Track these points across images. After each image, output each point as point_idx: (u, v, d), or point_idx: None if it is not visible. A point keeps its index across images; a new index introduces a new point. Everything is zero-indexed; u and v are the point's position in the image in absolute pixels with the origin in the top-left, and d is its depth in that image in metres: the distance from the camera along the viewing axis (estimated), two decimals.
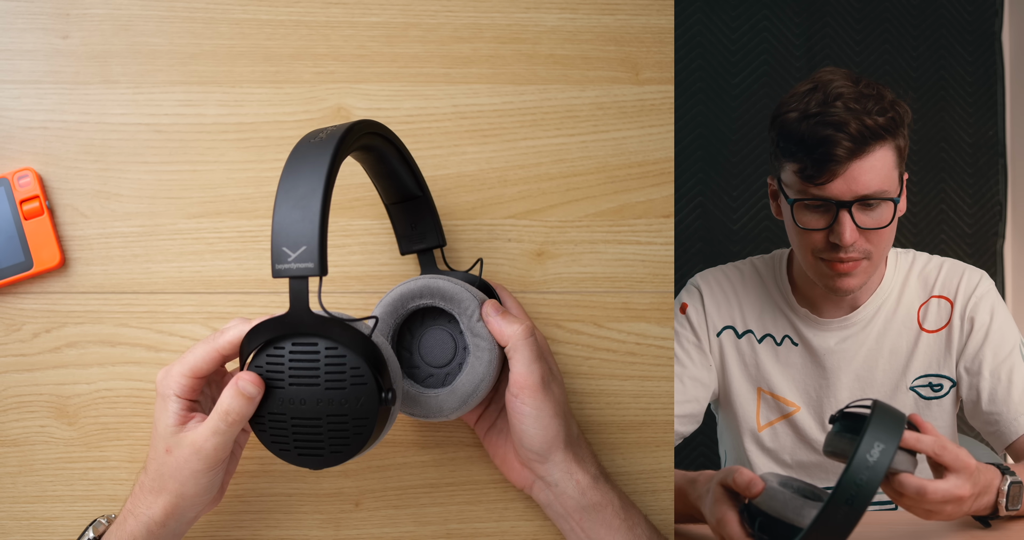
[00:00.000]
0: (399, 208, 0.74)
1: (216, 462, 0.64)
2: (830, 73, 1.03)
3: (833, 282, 1.05)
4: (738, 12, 1.87)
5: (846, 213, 1.00)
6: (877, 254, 1.04)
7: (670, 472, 0.79)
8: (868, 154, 0.99)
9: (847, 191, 1.00)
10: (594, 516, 0.71)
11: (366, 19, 0.79)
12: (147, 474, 0.66)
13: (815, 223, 1.03)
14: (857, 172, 0.99)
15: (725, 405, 1.18)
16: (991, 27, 1.88)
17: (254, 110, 0.78)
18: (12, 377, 0.76)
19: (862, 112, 0.98)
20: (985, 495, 0.86)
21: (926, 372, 1.11)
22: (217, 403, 0.62)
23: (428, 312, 0.71)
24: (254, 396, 0.60)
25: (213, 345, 0.65)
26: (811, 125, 1.00)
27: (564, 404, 0.72)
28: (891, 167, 1.01)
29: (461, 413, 0.69)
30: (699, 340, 1.15)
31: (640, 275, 0.80)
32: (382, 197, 0.73)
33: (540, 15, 0.80)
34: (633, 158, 0.80)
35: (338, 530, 0.76)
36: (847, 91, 1.00)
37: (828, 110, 0.99)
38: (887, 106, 1.00)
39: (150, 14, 0.78)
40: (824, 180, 1.00)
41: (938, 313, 1.11)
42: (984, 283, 1.11)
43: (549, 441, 0.70)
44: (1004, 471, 0.88)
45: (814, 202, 1.02)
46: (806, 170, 1.01)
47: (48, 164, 0.77)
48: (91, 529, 0.71)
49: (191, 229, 0.77)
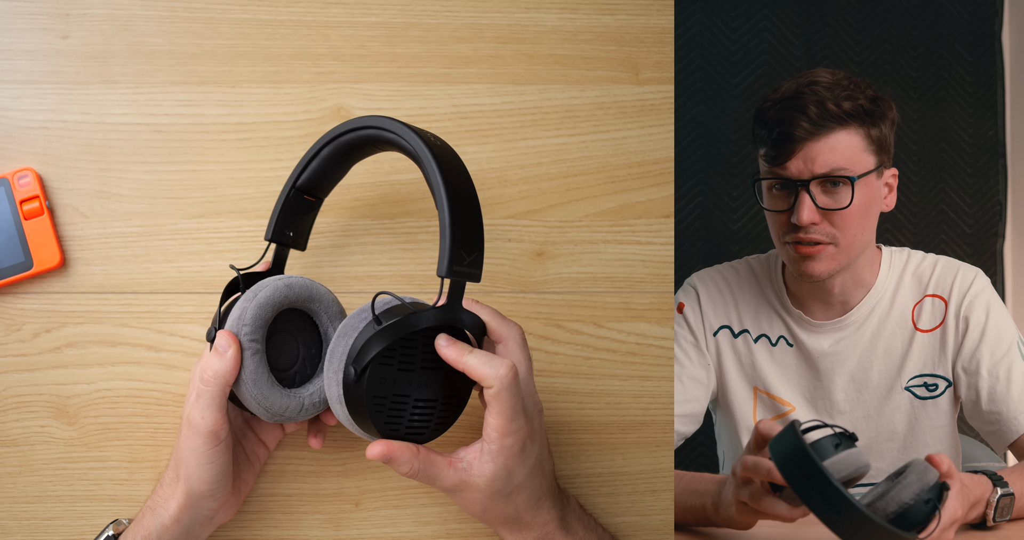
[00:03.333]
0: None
1: (209, 435, 0.65)
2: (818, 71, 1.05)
3: (799, 266, 1.06)
4: (738, 12, 1.87)
5: (804, 192, 1.02)
6: (845, 240, 1.04)
7: (670, 472, 0.79)
8: (827, 135, 1.01)
9: (804, 170, 1.02)
10: None
11: (366, 19, 0.79)
12: (169, 468, 0.69)
13: (778, 204, 1.05)
14: (814, 152, 1.01)
15: (723, 405, 1.18)
16: (991, 27, 1.88)
17: (254, 110, 0.78)
18: (12, 377, 0.76)
19: (828, 98, 1.01)
20: (975, 507, 0.86)
21: (921, 372, 1.11)
22: (194, 366, 0.65)
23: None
24: (224, 351, 0.64)
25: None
26: (777, 110, 1.03)
27: (536, 462, 0.66)
28: (854, 149, 1.02)
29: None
30: (696, 339, 1.15)
31: (640, 275, 0.80)
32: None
33: (540, 15, 0.80)
34: (633, 158, 0.80)
35: (338, 530, 0.76)
36: (822, 80, 1.03)
37: (796, 95, 1.02)
38: (858, 95, 1.02)
39: (150, 14, 0.78)
40: (783, 159, 1.02)
41: (932, 312, 1.11)
42: (979, 281, 1.11)
43: (497, 521, 0.68)
44: (996, 482, 0.88)
45: (777, 182, 1.04)
46: (769, 151, 1.04)
47: (48, 164, 0.77)
48: (111, 527, 0.71)
49: (191, 229, 0.77)
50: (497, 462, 0.64)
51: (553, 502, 0.69)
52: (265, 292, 0.66)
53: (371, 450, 0.62)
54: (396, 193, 0.78)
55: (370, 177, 0.78)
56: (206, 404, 0.64)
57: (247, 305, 0.66)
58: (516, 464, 0.64)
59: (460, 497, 0.66)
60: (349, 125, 0.67)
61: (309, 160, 0.69)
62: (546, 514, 0.69)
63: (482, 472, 0.64)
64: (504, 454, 0.63)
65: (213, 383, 0.64)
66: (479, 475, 0.64)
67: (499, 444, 0.63)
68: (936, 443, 1.12)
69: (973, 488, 0.86)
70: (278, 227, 0.71)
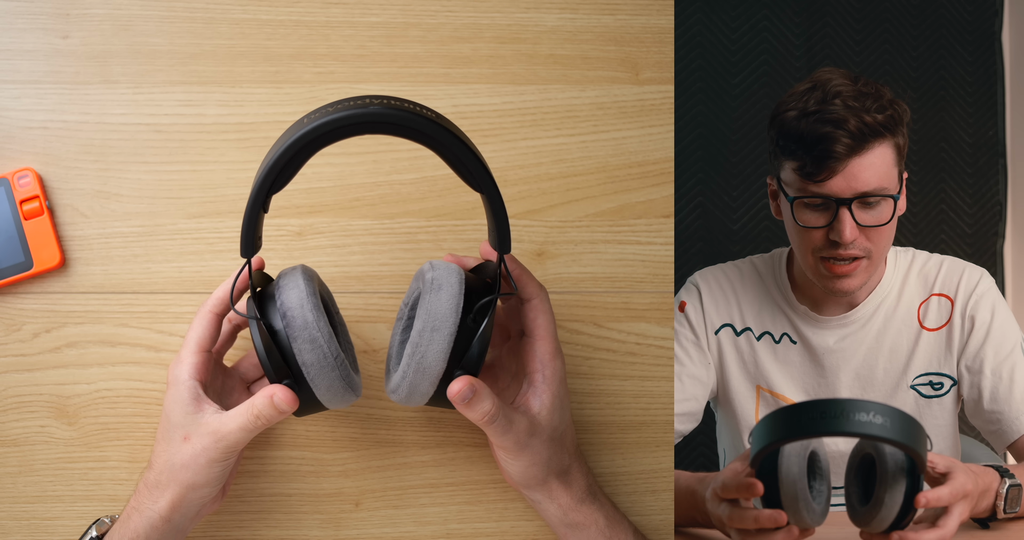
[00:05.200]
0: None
1: (234, 453, 0.66)
2: (828, 73, 1.04)
3: (832, 284, 1.05)
4: (738, 12, 1.86)
5: (846, 210, 1.00)
6: (877, 253, 1.04)
7: (670, 472, 0.79)
8: (867, 151, 0.99)
9: (847, 188, 1.00)
10: (577, 533, 0.71)
11: (366, 19, 0.79)
12: (152, 470, 0.67)
13: (815, 221, 1.03)
14: (856, 169, 0.99)
15: (724, 403, 1.18)
16: (991, 27, 1.88)
17: (254, 110, 0.78)
18: (12, 377, 0.76)
19: (861, 109, 0.99)
20: (984, 498, 0.86)
21: (927, 371, 1.11)
22: (251, 401, 0.65)
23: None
24: (284, 412, 0.64)
25: (204, 311, 0.69)
26: (810, 123, 1.00)
27: (559, 434, 0.70)
28: (890, 164, 1.01)
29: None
30: (698, 338, 1.15)
31: (640, 275, 0.80)
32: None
33: (540, 15, 0.80)
34: (633, 158, 0.80)
35: (338, 530, 0.76)
36: (846, 89, 1.01)
37: (827, 108, 0.99)
38: (885, 104, 1.00)
39: (150, 14, 0.78)
40: (823, 177, 1.00)
41: (938, 311, 1.11)
42: (984, 281, 1.11)
43: (527, 481, 0.70)
44: (1003, 474, 0.88)
45: (814, 200, 1.02)
46: (805, 167, 1.01)
47: (48, 164, 0.77)
48: (94, 528, 0.71)
49: (191, 229, 0.77)
50: (552, 388, 0.68)
51: (583, 459, 0.74)
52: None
53: (454, 386, 0.64)
54: (396, 193, 0.78)
55: (370, 177, 0.78)
56: (250, 436, 0.66)
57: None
58: (564, 392, 0.70)
59: (529, 447, 0.67)
60: (335, 123, 0.59)
61: (283, 165, 0.61)
62: (584, 466, 0.73)
63: (543, 404, 0.68)
64: (556, 379, 0.68)
65: (264, 427, 0.65)
66: (540, 408, 0.68)
67: (552, 367, 0.68)
68: (938, 442, 1.13)
69: (982, 476, 0.86)
70: (252, 238, 0.64)
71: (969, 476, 0.81)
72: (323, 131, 0.59)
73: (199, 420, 0.65)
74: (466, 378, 0.64)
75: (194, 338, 0.68)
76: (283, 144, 0.60)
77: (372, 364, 0.77)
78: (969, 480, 0.81)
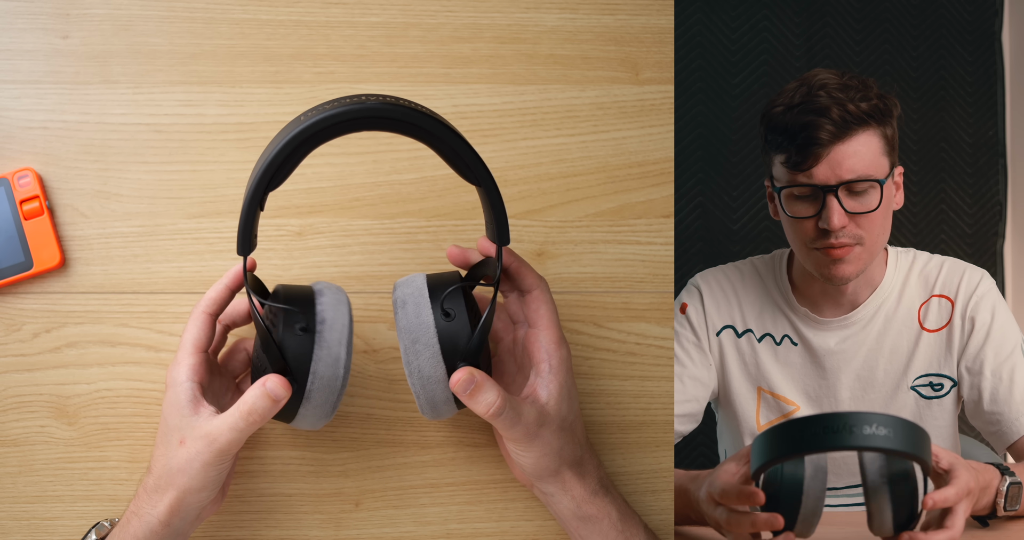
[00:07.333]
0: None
1: (228, 456, 0.65)
2: (817, 71, 1.05)
3: (828, 270, 1.05)
4: (738, 12, 1.87)
5: (832, 197, 1.01)
6: (870, 240, 1.04)
7: (670, 472, 0.79)
8: (851, 138, 1.01)
9: (832, 175, 1.01)
10: (590, 526, 0.71)
11: (366, 19, 0.79)
12: (151, 474, 0.67)
13: (804, 211, 1.04)
14: (840, 156, 1.01)
15: (725, 404, 1.18)
16: (991, 27, 1.88)
17: (254, 110, 0.78)
18: (12, 377, 0.76)
19: (845, 99, 1.01)
20: (984, 495, 0.87)
21: (927, 372, 1.11)
22: (241, 400, 0.64)
23: None
24: (280, 399, 0.63)
25: (198, 311, 0.69)
26: (795, 114, 1.02)
27: (569, 423, 0.70)
28: (876, 153, 1.02)
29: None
30: (699, 339, 1.15)
31: (640, 275, 0.80)
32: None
33: (540, 15, 0.80)
34: (633, 158, 0.80)
35: (338, 530, 0.76)
36: (831, 82, 1.03)
37: (811, 99, 1.02)
38: (871, 95, 1.02)
39: (150, 14, 0.78)
40: (808, 165, 1.01)
41: (939, 312, 1.11)
42: (985, 282, 1.11)
43: (540, 472, 0.70)
44: (1003, 471, 0.89)
45: (802, 190, 1.03)
46: (791, 158, 1.03)
47: (48, 164, 0.77)
48: (94, 532, 0.71)
49: (191, 229, 0.77)
50: (559, 376, 0.68)
51: (594, 451, 0.73)
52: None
53: (454, 377, 0.64)
54: (396, 193, 0.78)
55: (370, 177, 0.78)
56: (242, 437, 0.65)
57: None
58: (572, 381, 0.69)
59: (539, 437, 0.67)
60: (332, 119, 0.59)
61: (280, 163, 0.60)
62: (596, 458, 0.73)
63: (551, 393, 0.67)
64: (563, 367, 0.68)
65: (257, 424, 0.64)
66: (548, 397, 0.67)
67: (558, 356, 0.68)
68: (938, 443, 1.13)
69: (983, 473, 0.86)
70: (249, 236, 0.63)
71: (971, 473, 0.81)
72: (318, 128, 0.59)
73: (194, 423, 0.65)
74: (466, 369, 0.64)
75: (190, 339, 0.68)
76: (279, 142, 0.60)
77: (372, 364, 0.77)
78: (972, 477, 0.81)
